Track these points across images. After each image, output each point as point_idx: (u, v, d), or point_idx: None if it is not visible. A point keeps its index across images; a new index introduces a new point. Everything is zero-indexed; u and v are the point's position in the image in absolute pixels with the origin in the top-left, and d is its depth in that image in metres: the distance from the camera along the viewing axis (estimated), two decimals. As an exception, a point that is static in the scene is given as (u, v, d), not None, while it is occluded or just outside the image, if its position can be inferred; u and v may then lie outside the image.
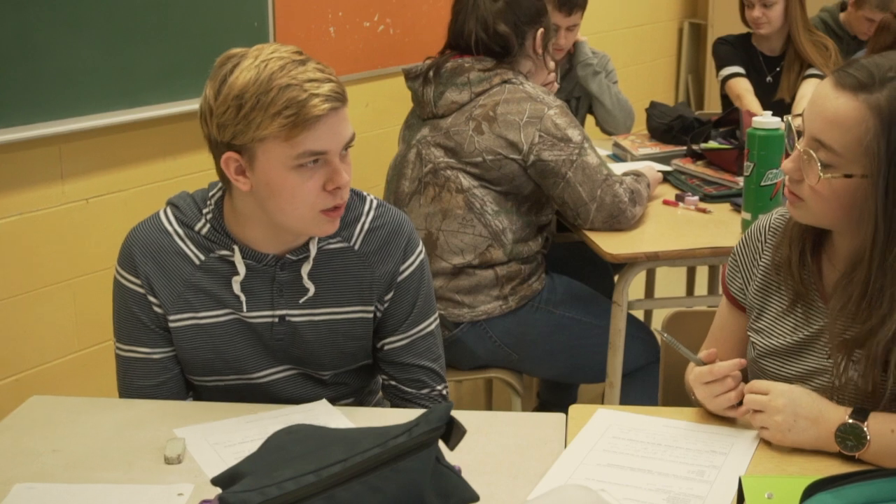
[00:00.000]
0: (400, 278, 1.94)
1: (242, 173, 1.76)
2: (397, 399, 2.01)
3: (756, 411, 1.68)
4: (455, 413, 1.36)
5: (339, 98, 1.73)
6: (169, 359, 1.92)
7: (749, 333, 1.87)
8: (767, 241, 1.84)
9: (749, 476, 1.54)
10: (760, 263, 1.85)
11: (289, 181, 1.74)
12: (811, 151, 1.61)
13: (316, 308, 1.90)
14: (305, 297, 1.89)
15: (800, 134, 1.67)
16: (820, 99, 1.62)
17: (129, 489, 1.58)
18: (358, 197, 1.94)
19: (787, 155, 1.72)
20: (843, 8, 5.00)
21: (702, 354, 1.79)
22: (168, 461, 1.66)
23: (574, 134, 2.70)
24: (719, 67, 4.32)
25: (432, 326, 2.01)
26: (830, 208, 1.64)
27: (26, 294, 3.00)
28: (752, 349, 1.85)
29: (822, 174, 1.60)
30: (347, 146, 1.78)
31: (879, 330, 1.60)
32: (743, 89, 4.09)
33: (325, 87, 1.71)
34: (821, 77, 3.91)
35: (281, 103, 1.68)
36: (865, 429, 1.59)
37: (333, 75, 1.76)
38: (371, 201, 1.95)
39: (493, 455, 1.68)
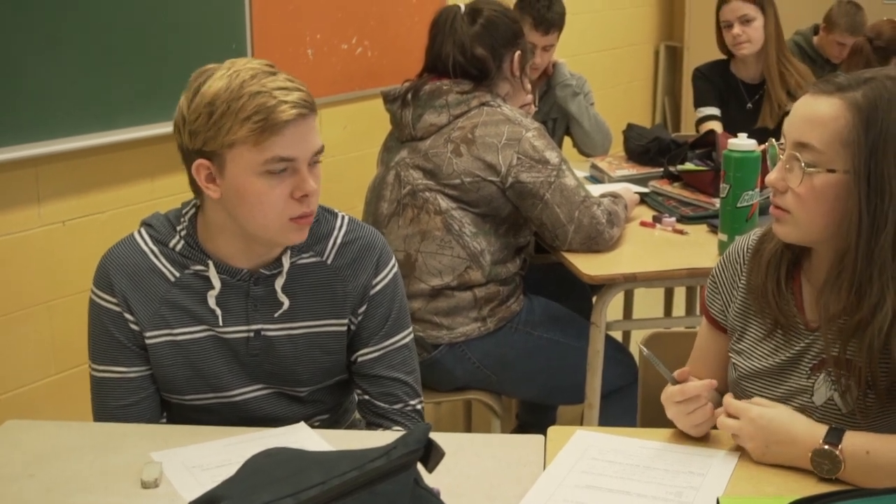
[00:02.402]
0: (373, 291, 1.96)
1: (213, 181, 1.79)
2: (371, 415, 2.01)
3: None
4: (434, 435, 1.35)
5: (308, 106, 1.77)
6: (144, 378, 1.93)
7: (730, 354, 1.87)
8: (746, 263, 1.85)
9: (727, 497, 1.55)
10: (740, 285, 1.86)
11: (257, 187, 1.76)
12: (795, 154, 1.65)
13: (290, 322, 1.92)
14: (280, 311, 1.90)
15: (782, 148, 1.70)
16: (799, 107, 1.69)
17: (106, 514, 1.57)
18: (329, 213, 1.97)
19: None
20: (816, 31, 5.05)
21: (675, 373, 1.79)
22: (145, 485, 1.65)
23: (552, 156, 2.71)
24: (696, 104, 4.35)
25: (406, 340, 2.02)
26: (817, 214, 1.66)
27: (3, 317, 2.98)
28: (733, 370, 1.86)
29: (805, 170, 1.63)
30: (316, 157, 1.81)
31: (873, 319, 1.62)
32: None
33: (294, 95, 1.75)
34: None
35: (251, 109, 1.72)
36: (839, 454, 1.59)
37: (303, 87, 1.79)
38: (342, 217, 1.98)
39: (471, 477, 1.67)
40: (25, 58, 2.84)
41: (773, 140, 1.74)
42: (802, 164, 1.64)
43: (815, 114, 1.64)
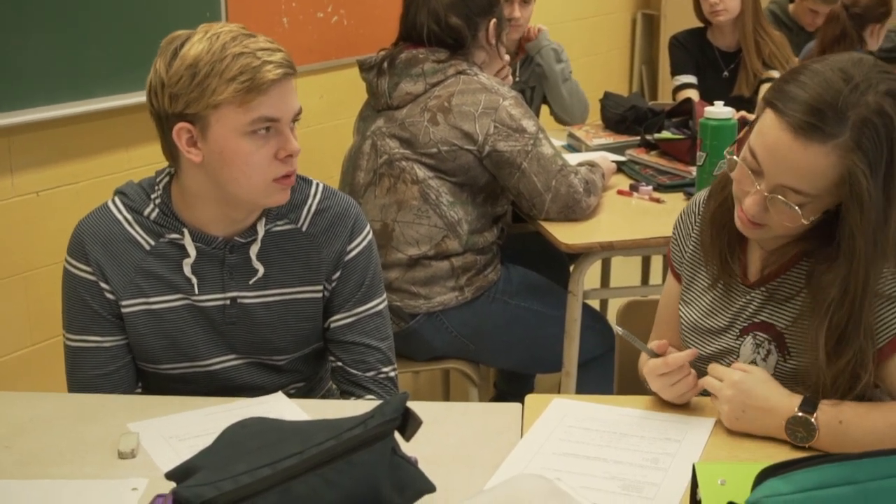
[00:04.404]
0: (347, 258, 1.97)
1: (194, 144, 1.79)
2: (344, 382, 2.02)
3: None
4: (412, 404, 1.36)
5: (290, 66, 1.79)
6: (120, 347, 1.92)
7: (679, 304, 1.90)
8: (699, 214, 1.88)
9: (702, 463, 1.56)
10: (692, 236, 1.88)
11: (243, 148, 1.77)
12: (779, 196, 1.59)
13: (266, 289, 1.92)
14: (255, 278, 1.90)
15: (755, 173, 1.62)
16: (783, 150, 1.56)
17: (83, 484, 1.57)
18: (304, 181, 1.97)
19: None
20: (791, 0, 5.05)
21: (653, 345, 1.80)
22: (122, 456, 1.64)
23: (529, 125, 2.71)
24: (673, 73, 4.36)
25: (380, 307, 2.03)
26: (794, 230, 1.66)
27: (-24, 289, 2.97)
28: (681, 323, 1.89)
29: (804, 220, 1.60)
30: (295, 118, 1.82)
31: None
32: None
33: (277, 56, 1.77)
34: None
35: (236, 69, 1.72)
36: (814, 421, 1.61)
37: (283, 48, 1.81)
38: (317, 185, 1.99)
39: (449, 446, 1.68)
40: (-4, 26, 2.81)
41: (728, 154, 1.69)
42: (789, 204, 1.59)
43: (811, 166, 1.55)
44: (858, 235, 1.56)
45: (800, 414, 1.62)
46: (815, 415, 1.61)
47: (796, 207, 1.59)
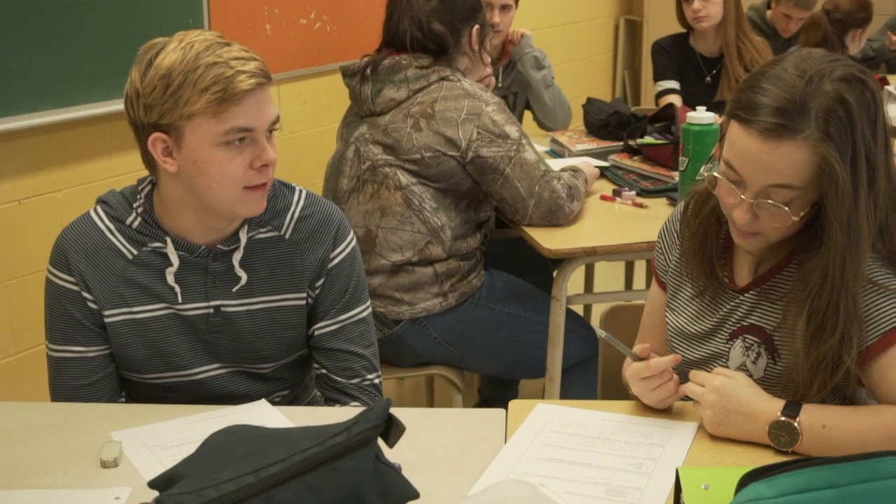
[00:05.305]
0: (331, 265, 1.96)
1: (170, 154, 1.78)
2: (329, 390, 2.01)
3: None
4: (396, 410, 1.36)
5: (264, 75, 1.77)
6: (103, 357, 1.92)
7: (665, 311, 1.91)
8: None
9: (686, 468, 1.56)
10: (677, 244, 1.89)
11: (216, 158, 1.76)
12: (764, 201, 1.61)
13: (250, 297, 1.92)
14: (239, 286, 1.90)
15: (737, 184, 1.64)
16: (758, 155, 1.58)
17: (66, 494, 1.56)
18: (287, 188, 1.97)
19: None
20: (769, 6, 5.08)
21: (636, 349, 1.81)
22: (105, 465, 1.64)
23: (512, 130, 2.71)
24: (656, 78, 4.37)
25: (364, 314, 2.03)
26: (788, 230, 1.66)
27: (-42, 297, 2.95)
28: (667, 329, 1.89)
29: (794, 216, 1.61)
30: (272, 126, 1.80)
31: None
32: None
33: (251, 65, 1.75)
34: None
35: (209, 79, 1.71)
36: (797, 426, 1.61)
37: (257, 56, 1.79)
38: (300, 191, 1.98)
39: (433, 452, 1.68)
40: (-23, 34, 2.80)
41: (706, 168, 1.70)
42: (777, 204, 1.60)
43: (786, 163, 1.57)
44: (835, 221, 1.58)
45: (783, 418, 1.62)
46: (797, 419, 1.62)
47: (784, 207, 1.60)
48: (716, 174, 1.67)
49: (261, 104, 1.77)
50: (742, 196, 1.63)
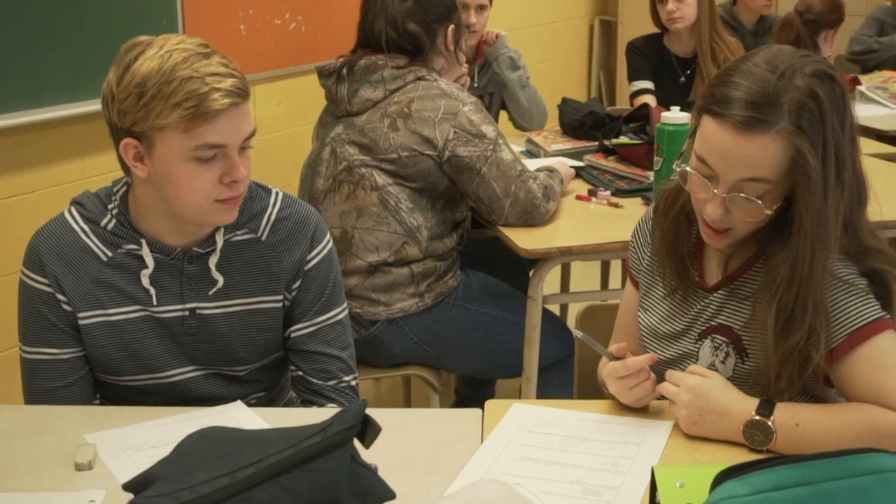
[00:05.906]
0: (307, 267, 1.95)
1: (141, 160, 1.77)
2: (306, 392, 2.01)
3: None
4: (372, 411, 1.36)
5: (241, 94, 1.74)
6: (77, 359, 1.90)
7: (638, 312, 1.92)
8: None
9: (661, 466, 1.57)
10: (650, 243, 1.90)
11: (185, 171, 1.74)
12: (738, 195, 1.62)
13: (225, 300, 1.91)
14: (215, 289, 1.89)
15: (709, 178, 1.64)
16: (732, 149, 1.59)
17: (40, 497, 1.55)
18: (263, 190, 1.96)
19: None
20: (734, 2, 5.11)
21: (612, 348, 1.81)
22: (79, 468, 1.63)
23: (488, 130, 2.72)
24: (630, 78, 4.39)
25: (340, 316, 2.02)
26: (758, 224, 1.67)
27: (-70, 300, 2.92)
28: (640, 328, 1.90)
29: (767, 210, 1.62)
30: (247, 141, 1.79)
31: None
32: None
33: (228, 83, 1.72)
34: None
35: (181, 95, 1.69)
36: (771, 424, 1.62)
37: (237, 70, 1.76)
38: (277, 193, 1.97)
39: (409, 452, 1.68)
40: (-51, 34, 2.78)
41: (677, 164, 1.70)
42: (749, 198, 1.61)
43: (760, 156, 1.58)
44: (806, 214, 1.59)
45: (757, 417, 1.63)
46: (772, 418, 1.62)
47: (757, 200, 1.61)
48: (688, 169, 1.68)
49: (234, 120, 1.74)
50: (714, 190, 1.64)
